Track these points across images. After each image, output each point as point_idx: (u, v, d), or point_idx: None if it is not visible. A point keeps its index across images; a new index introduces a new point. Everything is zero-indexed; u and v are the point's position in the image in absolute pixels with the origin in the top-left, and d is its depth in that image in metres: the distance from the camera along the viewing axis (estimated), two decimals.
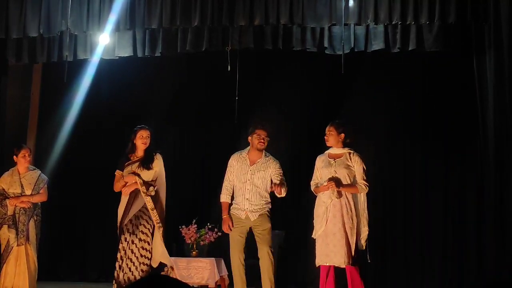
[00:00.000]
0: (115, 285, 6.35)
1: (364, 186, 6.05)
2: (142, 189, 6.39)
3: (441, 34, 7.30)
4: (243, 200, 6.40)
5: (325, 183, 6.02)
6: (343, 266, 5.91)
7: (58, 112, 9.68)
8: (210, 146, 9.90)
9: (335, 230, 5.92)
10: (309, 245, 9.23)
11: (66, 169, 9.65)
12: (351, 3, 7.22)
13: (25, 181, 6.96)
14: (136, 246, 6.35)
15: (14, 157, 7.04)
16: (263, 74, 9.64)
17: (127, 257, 6.34)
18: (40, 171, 7.20)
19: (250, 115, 9.45)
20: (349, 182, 6.03)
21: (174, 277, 7.01)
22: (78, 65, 8.78)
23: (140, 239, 6.36)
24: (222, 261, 8.41)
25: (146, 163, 6.50)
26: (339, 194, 5.97)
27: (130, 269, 6.33)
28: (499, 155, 7.13)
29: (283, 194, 6.39)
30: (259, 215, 6.39)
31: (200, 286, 8.25)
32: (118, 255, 6.39)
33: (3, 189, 6.94)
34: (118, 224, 6.46)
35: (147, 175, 6.48)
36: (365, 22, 7.29)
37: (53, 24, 7.81)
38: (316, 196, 6.20)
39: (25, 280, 6.81)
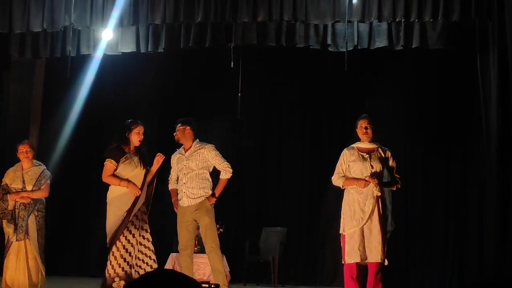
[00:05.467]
0: (122, 281, 6.15)
1: (398, 181, 6.07)
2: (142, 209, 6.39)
3: (444, 31, 7.30)
4: (181, 185, 6.55)
5: (367, 178, 5.93)
6: (377, 261, 5.87)
7: (61, 107, 9.68)
8: (213, 142, 9.87)
9: (372, 226, 5.88)
10: (311, 242, 9.28)
11: (68, 164, 9.65)
12: (354, 0, 7.21)
13: (27, 177, 6.96)
14: (148, 241, 6.33)
15: (16, 153, 7.05)
16: (266, 71, 9.64)
17: (138, 251, 6.26)
18: (45, 167, 7.17)
19: (253, 111, 9.47)
20: (384, 177, 6.01)
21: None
22: (81, 61, 8.78)
23: (147, 239, 6.36)
24: (224, 257, 8.42)
25: (147, 163, 6.44)
26: (381, 191, 5.94)
27: (140, 266, 6.27)
28: (501, 153, 7.13)
29: (227, 176, 6.53)
30: (197, 204, 6.46)
31: (202, 282, 8.26)
32: (123, 252, 6.20)
33: (6, 184, 6.95)
34: (123, 219, 6.25)
35: (143, 174, 6.46)
36: (368, 19, 7.28)
37: (57, 19, 7.81)
38: (336, 191, 6.13)
39: (25, 275, 6.79)
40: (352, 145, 6.17)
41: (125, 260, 6.21)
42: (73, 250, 9.83)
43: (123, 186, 6.25)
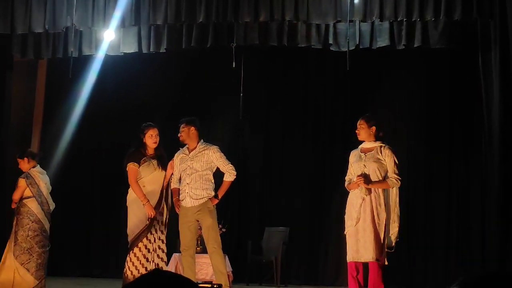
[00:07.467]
0: None
1: (395, 180, 5.95)
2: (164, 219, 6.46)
3: (446, 30, 7.29)
4: (184, 185, 6.53)
5: (356, 180, 5.92)
6: (370, 260, 5.87)
7: (63, 107, 9.70)
8: (215, 142, 9.87)
9: (365, 226, 5.88)
10: (313, 242, 9.28)
11: (70, 165, 9.66)
12: None
13: None
14: (162, 242, 6.43)
15: None
16: (268, 71, 9.64)
17: (158, 248, 6.38)
18: (28, 171, 7.11)
19: (254, 111, 9.47)
20: (379, 176, 5.91)
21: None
22: (83, 61, 8.80)
23: (162, 240, 6.42)
24: (226, 257, 8.42)
25: (165, 166, 6.52)
26: (369, 191, 5.90)
27: (158, 264, 6.37)
28: (503, 151, 7.12)
29: (231, 179, 6.54)
30: (200, 205, 6.45)
31: (204, 282, 8.26)
32: (145, 251, 6.33)
33: None
34: (151, 216, 6.37)
35: (162, 176, 6.52)
36: (370, 19, 7.28)
37: (59, 20, 7.82)
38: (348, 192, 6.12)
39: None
40: (360, 146, 6.18)
41: (148, 260, 6.34)
42: (73, 250, 9.84)
43: (141, 201, 6.33)
